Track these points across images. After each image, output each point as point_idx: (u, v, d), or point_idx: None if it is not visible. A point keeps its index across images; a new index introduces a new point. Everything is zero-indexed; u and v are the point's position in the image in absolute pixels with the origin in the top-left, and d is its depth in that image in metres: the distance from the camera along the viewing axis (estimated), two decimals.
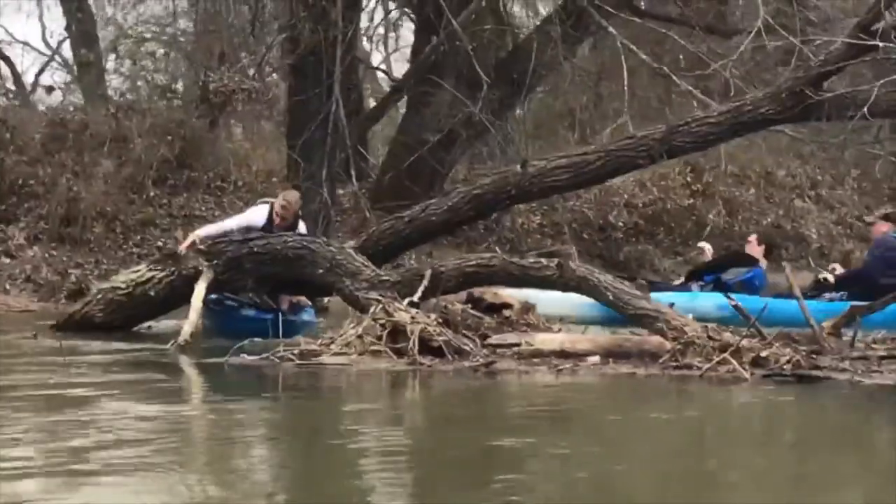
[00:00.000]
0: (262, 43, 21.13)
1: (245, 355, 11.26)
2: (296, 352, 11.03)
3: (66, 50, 34.23)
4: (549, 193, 15.15)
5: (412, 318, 11.17)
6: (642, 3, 22.96)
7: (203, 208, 22.50)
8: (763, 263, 16.80)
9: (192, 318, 12.58)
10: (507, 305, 12.13)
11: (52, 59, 37.07)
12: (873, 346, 11.32)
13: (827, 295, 15.07)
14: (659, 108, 26.82)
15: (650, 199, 25.67)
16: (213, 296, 13.53)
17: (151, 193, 22.06)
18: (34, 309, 18.28)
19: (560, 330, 11.98)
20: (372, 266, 12.77)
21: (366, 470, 6.86)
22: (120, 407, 9.30)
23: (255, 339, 12.02)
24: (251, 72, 19.35)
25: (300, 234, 13.76)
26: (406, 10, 25.24)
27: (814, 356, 10.49)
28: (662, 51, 22.14)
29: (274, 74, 22.64)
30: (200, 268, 13.24)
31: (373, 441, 7.79)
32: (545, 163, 13.60)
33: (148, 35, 31.60)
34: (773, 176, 27.67)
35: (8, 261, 19.57)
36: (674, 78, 17.74)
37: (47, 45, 37.14)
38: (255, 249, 13.29)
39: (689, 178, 25.94)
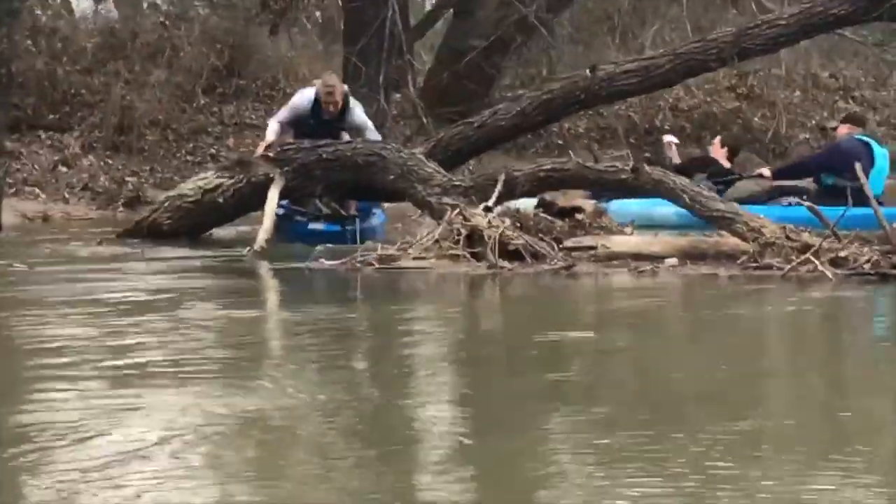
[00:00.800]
0: None
1: (323, 260, 11.38)
2: (375, 256, 11.13)
3: None
4: (619, 98, 15.16)
5: (489, 222, 11.25)
6: None
7: (253, 116, 22.53)
8: (727, 166, 16.49)
9: (266, 224, 12.67)
10: (579, 209, 12.18)
11: None
12: None
13: (785, 200, 14.54)
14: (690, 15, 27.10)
15: (696, 102, 25.58)
16: (280, 210, 13.56)
17: (202, 101, 22.12)
18: (93, 217, 18.43)
19: (633, 233, 12.02)
20: (443, 171, 12.83)
21: (429, 367, 7.19)
22: (207, 311, 9.47)
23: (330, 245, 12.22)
24: None
25: (370, 140, 13.78)
26: None
27: (890, 256, 10.49)
28: None
29: None
30: (271, 174, 13.31)
31: (443, 340, 8.10)
32: (614, 67, 13.60)
33: None
34: (818, 78, 27.55)
35: (65, 170, 19.62)
36: None
37: None
38: (325, 156, 13.31)
39: (734, 81, 25.82)
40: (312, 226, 13.93)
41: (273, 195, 12.97)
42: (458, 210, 11.50)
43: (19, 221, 17.06)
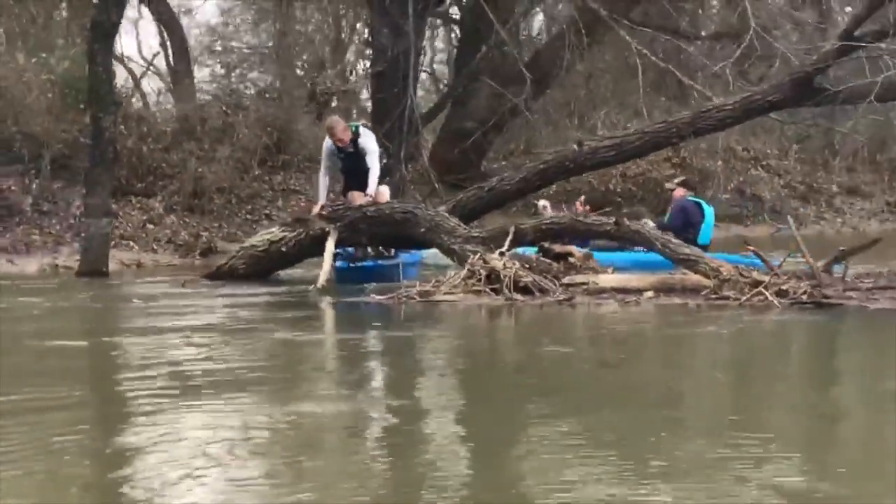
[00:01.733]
0: (342, 53, 21.21)
1: (374, 295, 11.45)
2: (416, 292, 11.20)
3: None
4: (600, 167, 15.26)
5: (504, 264, 11.34)
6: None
7: (296, 183, 22.68)
8: None
9: (325, 267, 12.75)
10: (571, 254, 12.31)
11: (147, 69, 36.79)
12: (860, 280, 11.44)
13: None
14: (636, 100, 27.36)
15: (640, 170, 25.73)
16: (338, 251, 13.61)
17: (256, 172, 22.23)
18: (176, 264, 18.46)
19: (613, 272, 12.10)
20: (463, 225, 12.92)
21: (449, 370, 7.45)
22: (286, 336, 9.50)
23: (372, 283, 12.32)
24: (352, 76, 19.44)
25: (405, 203, 13.83)
26: (452, 24, 25.23)
27: (818, 288, 10.60)
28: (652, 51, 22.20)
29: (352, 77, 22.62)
30: (326, 229, 13.37)
31: (468, 351, 8.32)
32: (596, 142, 13.72)
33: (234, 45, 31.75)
34: (734, 150, 27.76)
35: (152, 226, 19.65)
36: (678, 75, 17.69)
37: (143, 57, 36.82)
38: (368, 214, 13.41)
39: (670, 153, 25.99)
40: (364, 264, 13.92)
41: (330, 245, 13.04)
42: (479, 255, 11.60)
43: (119, 268, 17.08)
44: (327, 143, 14.17)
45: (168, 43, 31.05)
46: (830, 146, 29.66)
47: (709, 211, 14.55)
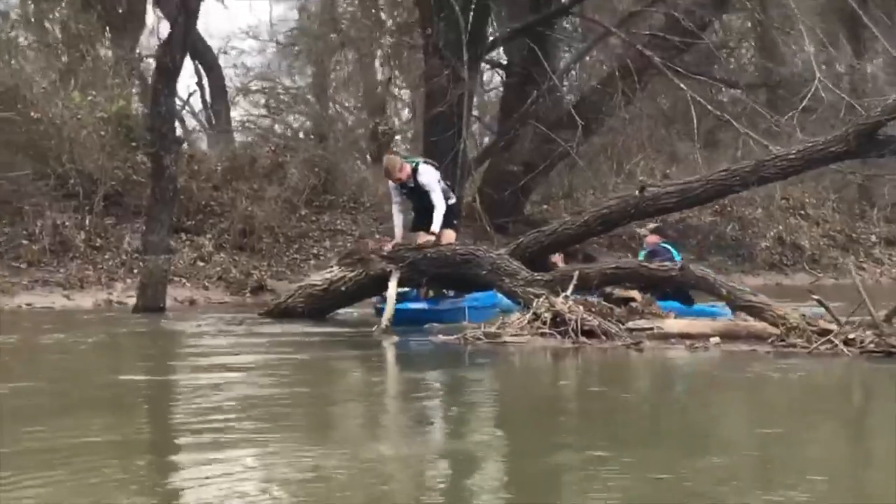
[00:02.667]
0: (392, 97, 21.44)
1: (440, 335, 11.59)
2: (483, 332, 11.33)
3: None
4: (661, 213, 15.36)
5: (570, 308, 11.46)
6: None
7: (342, 224, 22.85)
8: None
9: (389, 308, 12.87)
10: (632, 298, 12.42)
11: (183, 107, 36.96)
12: None
13: None
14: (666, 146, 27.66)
15: (681, 216, 25.78)
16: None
17: (303, 212, 22.43)
18: (228, 301, 18.63)
19: (675, 318, 12.20)
20: (525, 268, 13.04)
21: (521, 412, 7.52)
22: (362, 376, 9.66)
23: (433, 324, 12.46)
24: (409, 118, 19.65)
25: (466, 244, 13.95)
26: (498, 70, 25.45)
27: (883, 337, 10.63)
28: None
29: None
30: (388, 269, 13.52)
31: (537, 394, 8.41)
32: (658, 189, 13.82)
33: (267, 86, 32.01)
34: (773, 199, 27.77)
35: (202, 264, 19.85)
36: (734, 123, 17.80)
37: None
38: (430, 255, 13.54)
39: None
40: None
41: (393, 285, 13.17)
42: (544, 298, 11.72)
43: (172, 304, 17.24)
44: (390, 186, 14.32)
45: (206, 82, 31.38)
46: (867, 196, 29.66)
47: (678, 257, 14.74)
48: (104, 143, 20.83)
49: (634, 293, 12.43)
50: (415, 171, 13.85)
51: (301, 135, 25.75)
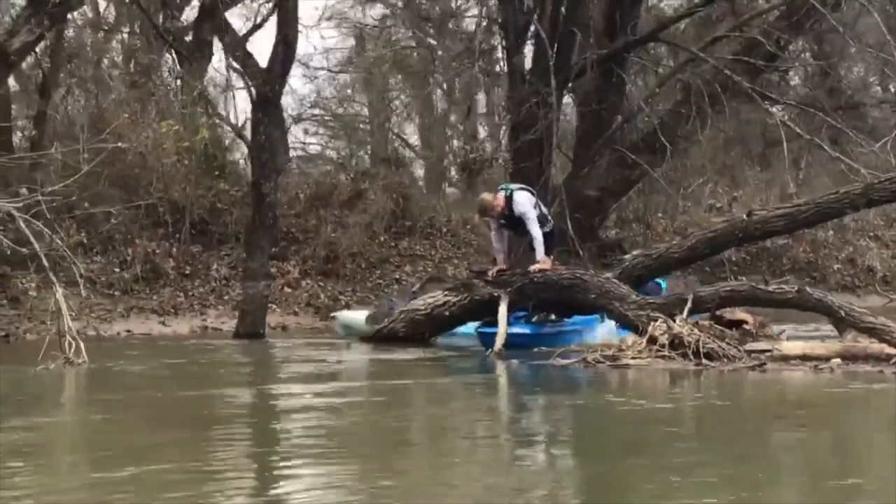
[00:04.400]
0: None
1: (559, 358, 11.70)
2: (603, 356, 11.43)
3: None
4: (768, 237, 15.36)
5: (689, 330, 11.56)
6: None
7: (420, 249, 23.02)
8: None
9: (501, 332, 13.00)
10: (744, 321, 12.47)
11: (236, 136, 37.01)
12: None
13: None
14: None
15: None
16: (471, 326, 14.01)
17: (382, 238, 22.59)
18: (318, 326, 18.82)
19: (788, 339, 12.27)
20: (634, 291, 13.14)
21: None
22: (488, 401, 9.75)
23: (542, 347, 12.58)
24: (503, 143, 19.77)
25: (572, 268, 14.06)
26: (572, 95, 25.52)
27: None
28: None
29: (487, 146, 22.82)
30: (495, 293, 13.65)
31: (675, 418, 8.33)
32: (766, 212, 13.84)
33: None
34: (843, 220, 27.67)
35: (289, 290, 20.07)
36: (825, 148, 17.82)
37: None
38: (535, 280, 13.66)
39: None
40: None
41: (503, 310, 13.30)
42: (662, 321, 11.82)
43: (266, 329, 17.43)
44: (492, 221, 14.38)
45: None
46: None
47: (664, 284, 14.95)
48: (188, 171, 21.12)
49: (746, 315, 12.47)
50: (509, 199, 13.96)
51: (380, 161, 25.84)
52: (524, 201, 14.03)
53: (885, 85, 33.42)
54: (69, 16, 20.11)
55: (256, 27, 32.00)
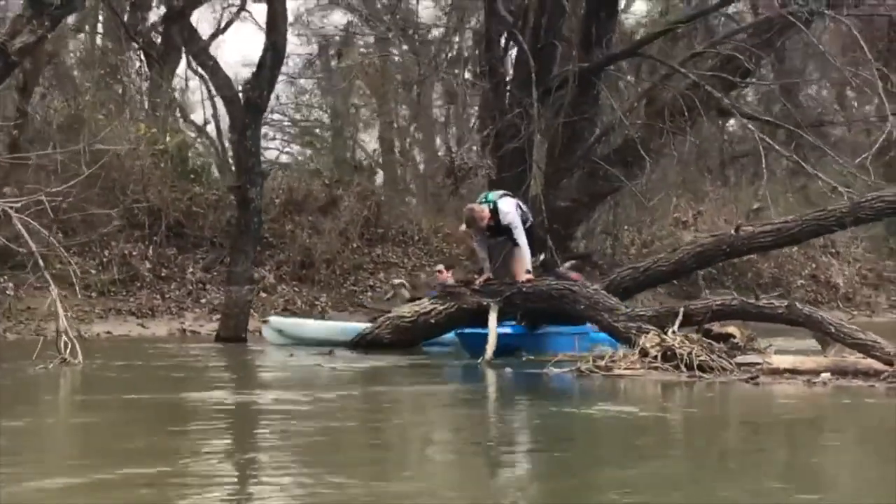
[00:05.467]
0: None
1: (552, 367, 11.76)
2: (596, 366, 11.50)
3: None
4: (755, 251, 15.52)
5: (680, 343, 11.69)
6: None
7: (393, 256, 23.11)
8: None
9: (491, 340, 13.09)
10: (731, 335, 12.61)
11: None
12: None
13: None
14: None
15: None
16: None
17: (355, 245, 22.65)
18: None
19: (774, 353, 12.40)
20: (622, 304, 13.27)
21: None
22: (493, 407, 9.77)
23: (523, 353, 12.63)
24: (475, 151, 19.87)
25: (563, 280, 14.11)
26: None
27: None
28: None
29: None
30: (484, 303, 13.73)
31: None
32: (753, 228, 14.03)
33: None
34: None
35: (265, 295, 20.09)
36: (803, 165, 17.94)
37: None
38: (524, 290, 13.76)
39: None
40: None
41: (493, 319, 13.38)
42: (653, 333, 11.95)
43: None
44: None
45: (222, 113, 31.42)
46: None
47: None
48: (163, 174, 21.09)
49: (733, 329, 12.62)
50: (494, 211, 14.02)
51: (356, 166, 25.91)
52: (510, 210, 14.11)
53: (846, 104, 34.01)
54: None
55: (220, 31, 32.10)
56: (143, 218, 20.19)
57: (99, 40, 28.92)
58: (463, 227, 14.72)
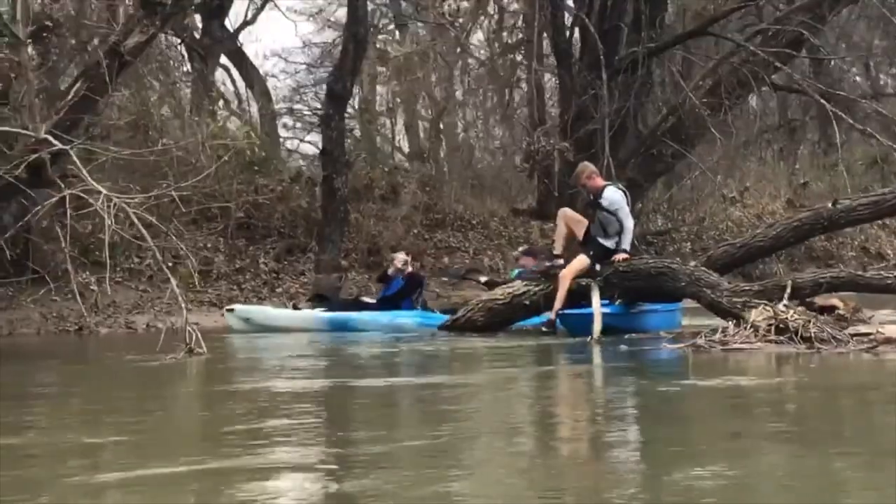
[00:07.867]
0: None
1: (666, 343, 11.88)
2: (716, 339, 11.60)
3: None
4: (853, 224, 15.58)
5: (792, 316, 11.81)
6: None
7: (453, 241, 23.26)
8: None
9: (597, 319, 13.23)
10: (835, 307, 12.74)
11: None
12: None
13: None
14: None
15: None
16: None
17: (416, 230, 22.81)
18: None
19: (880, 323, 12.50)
20: (723, 280, 13.38)
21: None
22: (615, 384, 9.77)
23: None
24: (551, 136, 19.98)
25: (660, 258, 14.20)
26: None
27: None
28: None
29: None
30: (584, 283, 13.85)
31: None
32: (850, 201, 14.11)
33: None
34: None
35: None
36: (876, 136, 18.04)
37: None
38: (621, 269, 13.88)
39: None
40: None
41: (595, 298, 13.52)
42: (764, 306, 12.05)
43: None
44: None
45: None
46: None
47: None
48: (231, 167, 21.22)
49: (837, 301, 12.74)
50: (602, 189, 14.14)
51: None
52: (618, 199, 14.14)
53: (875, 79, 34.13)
54: None
55: (246, 23, 32.24)
56: (215, 211, 20.33)
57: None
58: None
